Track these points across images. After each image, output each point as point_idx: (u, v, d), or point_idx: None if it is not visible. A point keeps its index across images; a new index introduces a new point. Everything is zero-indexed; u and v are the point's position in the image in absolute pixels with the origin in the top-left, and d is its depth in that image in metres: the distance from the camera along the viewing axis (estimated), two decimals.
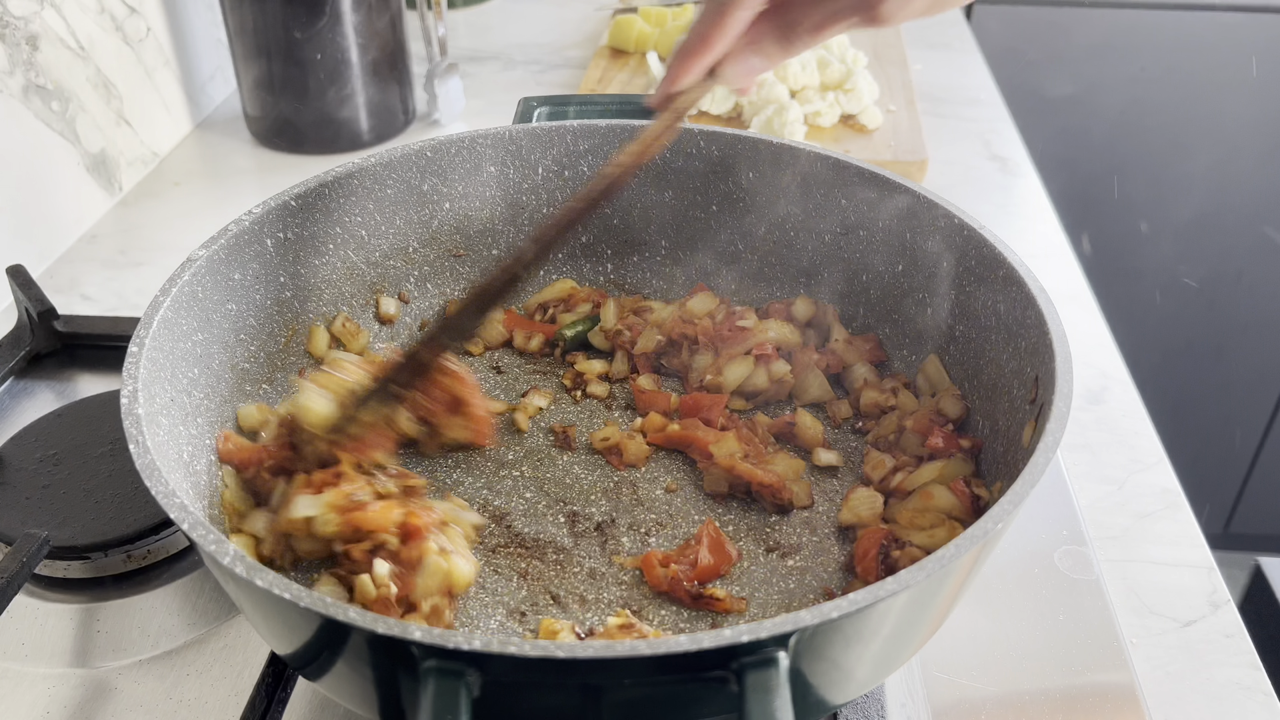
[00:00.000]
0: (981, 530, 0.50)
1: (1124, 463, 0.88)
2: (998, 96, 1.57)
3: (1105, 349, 1.02)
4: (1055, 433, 0.56)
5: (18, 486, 0.77)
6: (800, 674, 0.48)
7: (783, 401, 0.84)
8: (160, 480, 0.54)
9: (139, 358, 0.61)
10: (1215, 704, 0.69)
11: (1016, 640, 0.71)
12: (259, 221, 0.75)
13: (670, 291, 0.93)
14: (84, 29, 1.16)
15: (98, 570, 0.73)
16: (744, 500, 0.75)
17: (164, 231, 1.20)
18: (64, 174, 1.16)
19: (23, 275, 0.96)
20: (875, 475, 0.74)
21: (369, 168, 0.82)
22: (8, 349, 0.94)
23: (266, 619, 0.53)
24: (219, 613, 0.72)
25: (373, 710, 0.53)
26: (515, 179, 0.89)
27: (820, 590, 0.68)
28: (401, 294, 0.88)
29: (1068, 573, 0.76)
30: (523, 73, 1.61)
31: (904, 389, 0.80)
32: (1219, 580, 0.77)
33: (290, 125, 1.33)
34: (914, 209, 0.79)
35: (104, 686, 0.68)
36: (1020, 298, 0.69)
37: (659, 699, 0.48)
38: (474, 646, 0.44)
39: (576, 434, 0.80)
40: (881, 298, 0.84)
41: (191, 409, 0.68)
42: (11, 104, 1.06)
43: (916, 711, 0.66)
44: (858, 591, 0.47)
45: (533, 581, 0.68)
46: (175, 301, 0.67)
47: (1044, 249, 1.18)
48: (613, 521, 0.73)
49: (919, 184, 0.81)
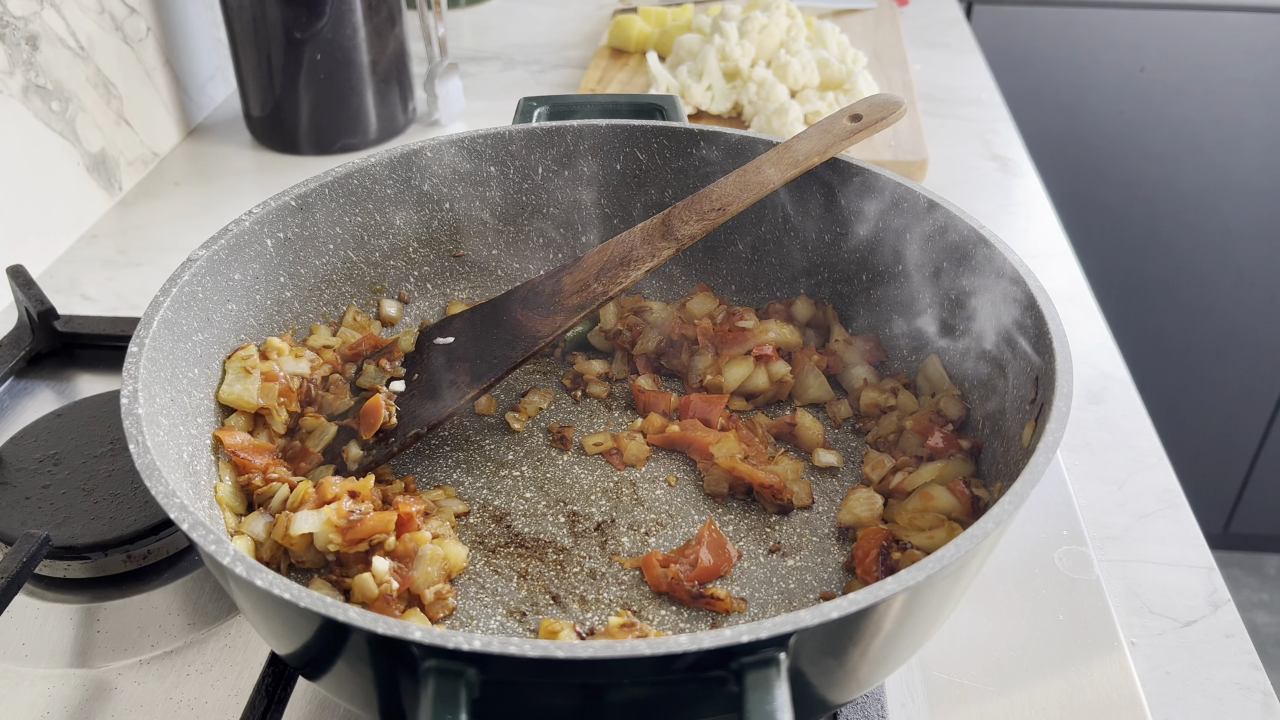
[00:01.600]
0: (981, 531, 0.50)
1: (1124, 463, 0.88)
2: (998, 96, 1.57)
3: (1105, 349, 1.02)
4: (1055, 433, 0.56)
5: (18, 486, 0.77)
6: (800, 674, 0.48)
7: (783, 402, 0.84)
8: (160, 480, 0.54)
9: (139, 358, 0.61)
10: (1215, 704, 0.69)
11: (1016, 640, 0.71)
12: (259, 221, 0.75)
13: (670, 292, 0.93)
14: (84, 29, 1.16)
15: (98, 570, 0.73)
16: (744, 500, 0.75)
17: (164, 231, 1.20)
18: (64, 174, 1.16)
19: (23, 275, 0.96)
20: (875, 475, 0.74)
21: (369, 168, 0.82)
22: (8, 349, 0.94)
23: (266, 619, 0.53)
24: (219, 613, 0.72)
25: (373, 710, 0.53)
26: (515, 179, 0.89)
27: (820, 591, 0.68)
28: (401, 294, 0.88)
29: (1068, 573, 0.76)
30: (523, 73, 1.61)
31: (904, 389, 0.80)
32: (1219, 580, 0.77)
33: (290, 125, 1.33)
34: (914, 209, 0.79)
35: (104, 686, 0.68)
36: (1020, 298, 0.69)
37: (659, 699, 0.48)
38: (474, 646, 0.44)
39: (576, 434, 0.80)
40: (881, 298, 0.84)
41: (191, 409, 0.68)
42: (11, 104, 1.06)
43: (916, 711, 0.66)
44: (857, 592, 0.47)
45: (533, 581, 0.68)
46: (175, 301, 0.67)
47: (1044, 249, 1.18)
48: (613, 521, 0.73)
49: (919, 184, 0.81)
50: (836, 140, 0.79)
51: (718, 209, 0.78)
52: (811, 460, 0.78)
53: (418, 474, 0.77)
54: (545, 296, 0.79)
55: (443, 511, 0.71)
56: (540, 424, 0.81)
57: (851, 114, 0.81)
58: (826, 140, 0.80)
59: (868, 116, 0.80)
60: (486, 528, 0.72)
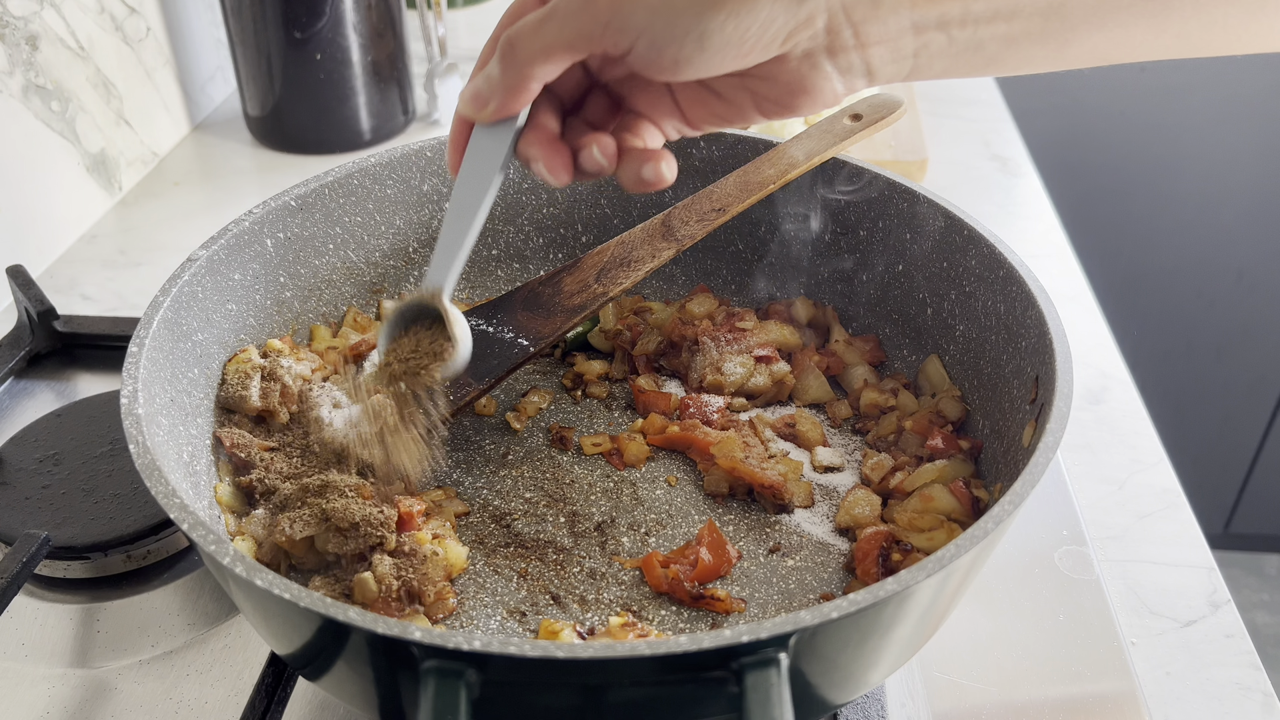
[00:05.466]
0: (981, 531, 0.50)
1: (1124, 463, 0.88)
2: (998, 96, 1.57)
3: (1105, 349, 1.02)
4: (1055, 433, 0.56)
5: (18, 486, 0.77)
6: (800, 674, 0.48)
7: (783, 402, 0.84)
8: (160, 480, 0.54)
9: (139, 358, 0.61)
10: (1215, 704, 0.69)
11: (1016, 640, 0.71)
12: (259, 221, 0.75)
13: (670, 292, 0.93)
14: (84, 29, 1.16)
15: (98, 570, 0.73)
16: (744, 500, 0.75)
17: (164, 231, 1.20)
18: (64, 174, 1.16)
19: (23, 275, 0.96)
20: (875, 476, 0.74)
21: (369, 168, 0.82)
22: (8, 349, 0.94)
23: (266, 619, 0.53)
24: (219, 613, 0.72)
25: (373, 710, 0.53)
26: (515, 179, 0.89)
27: (820, 591, 0.68)
28: (401, 294, 0.88)
29: (1068, 573, 0.76)
30: None
31: (904, 389, 0.80)
32: (1219, 580, 0.77)
33: (290, 125, 1.33)
34: (914, 209, 0.79)
35: (104, 686, 0.68)
36: (1020, 298, 0.69)
37: (659, 699, 0.48)
38: (474, 646, 0.44)
39: (575, 434, 0.80)
40: (881, 298, 0.84)
41: (191, 409, 0.68)
42: (11, 104, 1.06)
43: (916, 711, 0.66)
44: (857, 592, 0.47)
45: (533, 581, 0.68)
46: (175, 301, 0.67)
47: (1044, 249, 1.18)
48: (613, 521, 0.73)
49: (919, 184, 0.81)
50: (836, 140, 0.80)
51: (718, 209, 0.78)
52: (811, 460, 0.78)
53: None
54: (545, 297, 0.79)
55: (443, 511, 0.71)
56: (540, 424, 0.81)
57: (851, 114, 0.81)
58: (826, 140, 0.80)
59: (868, 116, 0.80)
60: (486, 528, 0.72)
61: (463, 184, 0.58)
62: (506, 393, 0.85)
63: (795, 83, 0.53)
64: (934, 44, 0.51)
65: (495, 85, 0.54)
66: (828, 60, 0.51)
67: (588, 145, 0.57)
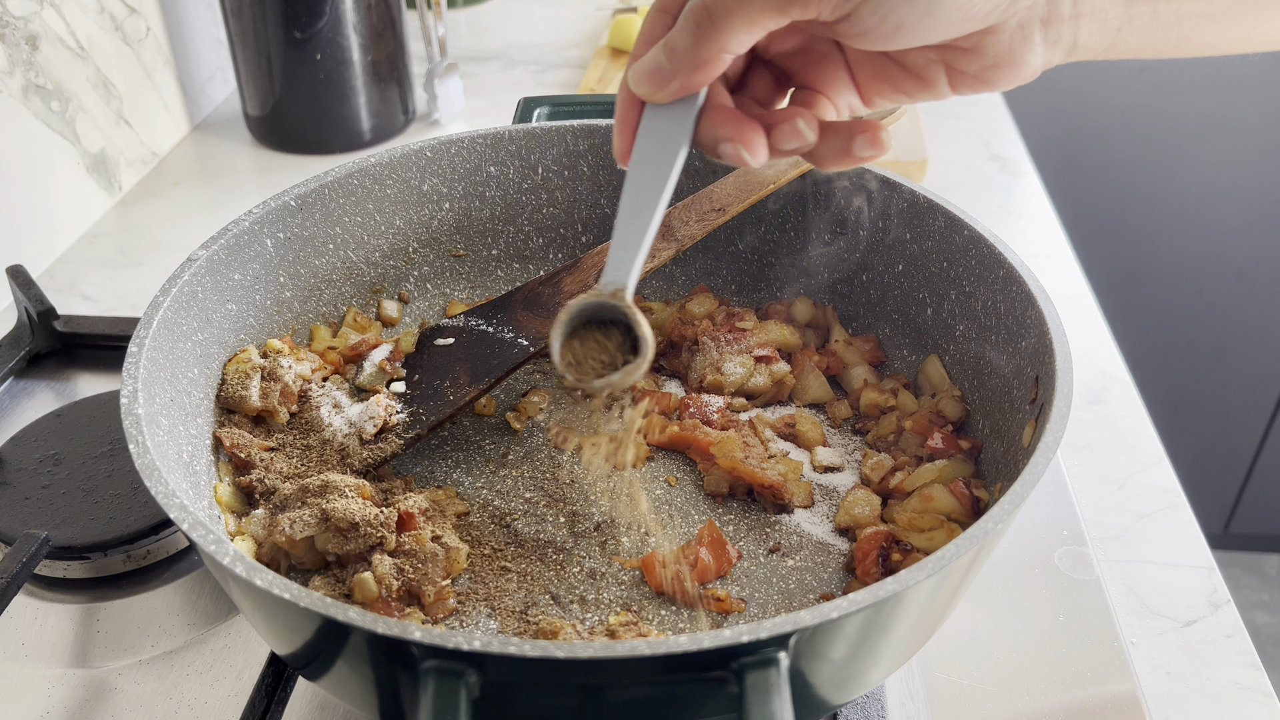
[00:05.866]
0: (981, 531, 0.50)
1: (1124, 463, 0.88)
2: (998, 96, 1.57)
3: (1105, 349, 1.02)
4: (1055, 433, 0.56)
5: (18, 486, 0.77)
6: (800, 674, 0.48)
7: (783, 402, 0.84)
8: (160, 480, 0.54)
9: (139, 358, 0.62)
10: (1215, 704, 0.69)
11: (1016, 640, 0.71)
12: (259, 221, 0.75)
13: (670, 292, 0.93)
14: (84, 29, 1.16)
15: (98, 570, 0.73)
16: (744, 500, 0.75)
17: (164, 231, 1.20)
18: (64, 174, 1.16)
19: (22, 275, 0.96)
20: (874, 476, 0.74)
21: (369, 168, 0.82)
22: (8, 349, 0.94)
23: (266, 619, 0.53)
24: (219, 613, 0.72)
25: (373, 710, 0.53)
26: (515, 179, 0.89)
27: (820, 591, 0.68)
28: (401, 294, 0.88)
29: (1068, 573, 0.76)
30: (523, 73, 1.61)
31: (904, 389, 0.80)
32: (1219, 580, 0.77)
33: (290, 125, 1.33)
34: (914, 209, 0.79)
35: (104, 686, 0.68)
36: (1020, 298, 0.69)
37: (659, 699, 0.48)
38: (474, 646, 0.44)
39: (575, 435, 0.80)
40: (881, 298, 0.84)
41: (191, 409, 0.68)
42: (11, 104, 1.06)
43: (916, 711, 0.66)
44: (857, 592, 0.47)
45: (533, 581, 0.68)
46: (175, 301, 0.67)
47: (1044, 249, 1.18)
48: (613, 521, 0.73)
49: (919, 184, 0.81)
50: None
51: (718, 209, 0.78)
52: (811, 460, 0.78)
53: (418, 474, 0.77)
54: (545, 297, 0.79)
55: (443, 511, 0.71)
56: (540, 424, 0.81)
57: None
58: None
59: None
60: (486, 528, 0.72)
61: (637, 171, 0.52)
62: (506, 393, 0.85)
63: (1001, 54, 0.50)
64: (1139, 17, 0.49)
65: (682, 58, 0.48)
66: (1040, 31, 0.49)
67: (789, 119, 0.51)
